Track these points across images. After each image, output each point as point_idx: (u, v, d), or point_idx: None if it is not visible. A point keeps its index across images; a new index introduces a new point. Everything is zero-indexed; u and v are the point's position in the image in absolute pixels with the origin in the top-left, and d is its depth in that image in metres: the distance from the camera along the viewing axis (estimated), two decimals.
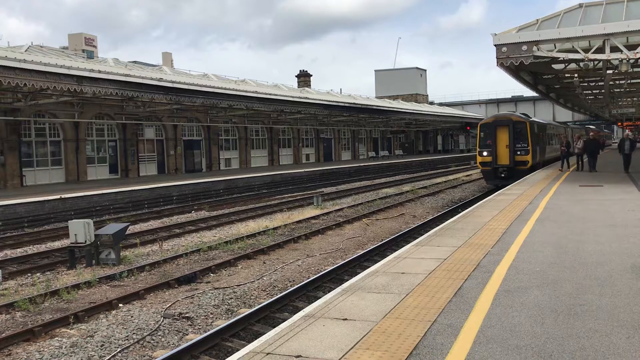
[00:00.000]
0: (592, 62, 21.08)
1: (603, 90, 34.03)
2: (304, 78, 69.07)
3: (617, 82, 30.64)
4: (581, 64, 22.10)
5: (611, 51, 18.14)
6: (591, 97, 41.19)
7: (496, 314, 5.57)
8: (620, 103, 48.80)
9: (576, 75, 26.25)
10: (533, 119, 30.99)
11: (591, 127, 71.17)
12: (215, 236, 17.52)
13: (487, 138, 26.94)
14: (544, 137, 31.90)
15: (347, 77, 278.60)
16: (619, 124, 70.06)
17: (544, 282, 6.74)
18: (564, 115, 74.11)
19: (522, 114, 30.06)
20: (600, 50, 18.34)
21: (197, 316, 9.42)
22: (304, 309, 6.11)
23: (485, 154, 26.92)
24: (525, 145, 26.31)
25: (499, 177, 26.47)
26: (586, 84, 31.99)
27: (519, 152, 26.32)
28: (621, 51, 18.02)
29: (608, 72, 23.27)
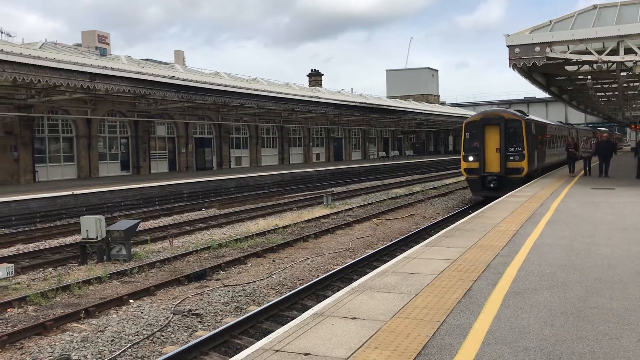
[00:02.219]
0: (605, 64, 20.92)
1: (616, 93, 33.77)
2: (315, 77, 69.14)
3: (631, 84, 30.39)
4: (595, 65, 21.96)
5: (625, 53, 18.02)
6: (604, 99, 40.89)
7: (505, 315, 5.57)
8: (634, 105, 48.41)
9: (589, 77, 26.01)
10: (530, 117, 26.50)
11: (604, 129, 70.62)
12: (225, 234, 17.60)
13: (473, 140, 22.79)
14: (544, 139, 27.70)
15: (360, 76, 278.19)
16: (632, 126, 69.47)
17: (553, 284, 6.72)
18: (577, 117, 73.63)
19: (518, 110, 25.98)
20: (614, 52, 18.22)
21: (206, 313, 9.48)
22: (313, 308, 6.14)
23: (471, 159, 22.75)
24: (520, 148, 22.16)
25: (487, 188, 22.37)
26: (599, 86, 31.76)
27: (511, 158, 22.16)
28: (635, 53, 17.89)
29: (622, 74, 23.09)
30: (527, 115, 25.43)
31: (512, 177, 22.05)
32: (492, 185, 22.24)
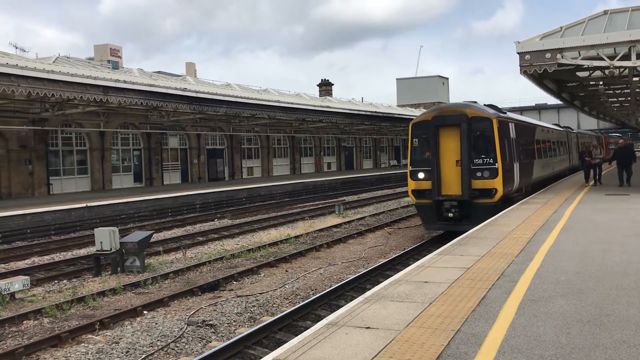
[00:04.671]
0: (617, 70, 20.74)
1: (629, 98, 33.50)
2: (325, 87, 69.27)
3: None
4: (606, 71, 21.77)
5: (637, 58, 17.87)
6: (617, 104, 40.57)
7: (521, 323, 5.52)
8: None
9: (601, 82, 25.75)
10: (509, 115, 19.87)
11: (616, 134, 69.99)
12: (238, 244, 17.64)
13: (424, 148, 16.51)
14: (531, 147, 21.14)
15: (374, 85, 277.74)
16: None
17: (569, 291, 6.66)
18: (589, 123, 73.13)
19: (489, 105, 18.61)
20: (626, 57, 18.09)
21: (220, 323, 9.49)
22: (327, 317, 6.12)
23: (420, 176, 16.29)
24: (491, 160, 15.71)
25: (444, 218, 15.98)
26: (612, 92, 31.51)
27: (479, 174, 15.69)
28: None
29: (634, 79, 22.90)
30: (504, 112, 19.03)
31: (481, 203, 15.62)
32: (451, 214, 15.80)
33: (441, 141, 16.09)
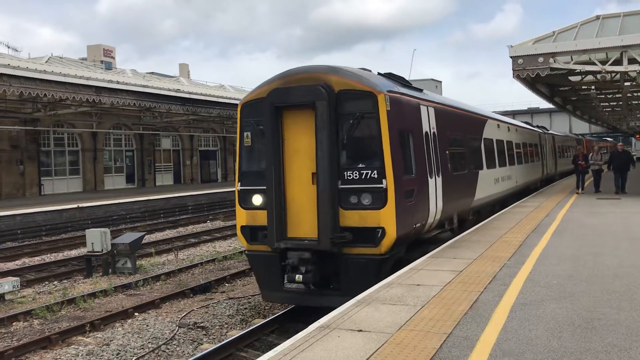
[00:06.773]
0: (609, 74, 20.83)
1: (621, 102, 33.70)
2: None
3: (635, 94, 30.30)
4: (598, 76, 21.87)
5: (629, 63, 17.97)
6: (608, 109, 40.79)
7: (512, 327, 5.53)
8: (638, 115, 48.25)
9: (593, 87, 25.84)
10: (428, 93, 12.09)
11: (608, 138, 70.41)
12: (230, 246, 17.59)
13: (259, 148, 9.46)
14: (474, 150, 14.23)
15: None
16: (637, 136, 69.31)
17: (561, 295, 6.67)
18: (581, 127, 73.54)
19: (386, 75, 10.31)
20: (618, 62, 18.19)
21: (211, 326, 9.46)
22: (319, 320, 6.11)
23: (257, 200, 9.24)
24: (376, 172, 8.58)
25: (292, 280, 8.68)
26: (603, 96, 31.66)
27: (353, 199, 8.62)
28: (639, 63, 17.86)
29: (626, 84, 23.01)
30: (419, 90, 11.27)
31: (354, 255, 8.70)
32: (299, 276, 8.60)
33: (286, 136, 9.00)
